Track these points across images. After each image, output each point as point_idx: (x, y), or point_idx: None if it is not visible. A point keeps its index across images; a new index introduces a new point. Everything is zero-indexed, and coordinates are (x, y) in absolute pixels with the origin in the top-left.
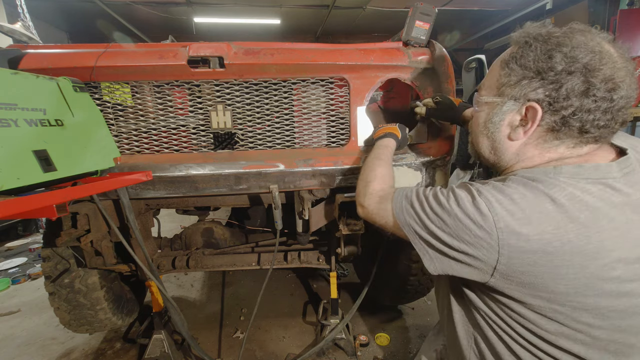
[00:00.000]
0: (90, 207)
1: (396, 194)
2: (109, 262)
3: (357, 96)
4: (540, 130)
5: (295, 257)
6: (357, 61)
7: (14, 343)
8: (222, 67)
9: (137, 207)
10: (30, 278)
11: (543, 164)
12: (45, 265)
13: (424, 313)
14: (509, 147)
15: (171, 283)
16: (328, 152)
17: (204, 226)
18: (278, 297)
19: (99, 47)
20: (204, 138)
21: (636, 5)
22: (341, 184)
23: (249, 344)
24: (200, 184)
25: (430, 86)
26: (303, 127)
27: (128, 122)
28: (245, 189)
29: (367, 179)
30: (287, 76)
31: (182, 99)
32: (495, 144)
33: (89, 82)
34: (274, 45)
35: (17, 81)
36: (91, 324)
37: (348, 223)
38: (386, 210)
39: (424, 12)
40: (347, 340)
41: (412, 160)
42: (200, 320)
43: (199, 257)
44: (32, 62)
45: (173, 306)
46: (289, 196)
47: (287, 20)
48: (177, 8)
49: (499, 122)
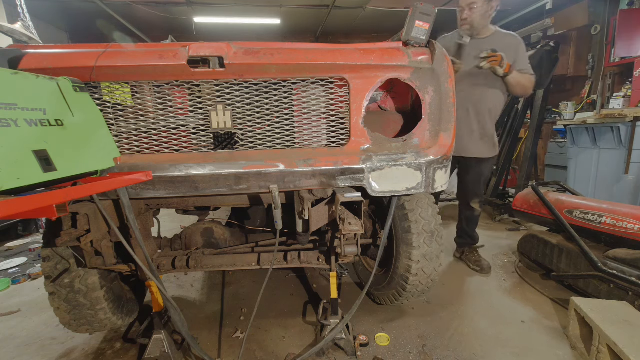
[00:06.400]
0: (90, 207)
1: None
2: (109, 262)
3: (357, 96)
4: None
5: (295, 257)
6: (357, 61)
7: (13, 343)
8: (222, 67)
9: (137, 207)
10: (30, 278)
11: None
12: (45, 265)
13: (424, 313)
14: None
15: (171, 283)
16: (328, 152)
17: (204, 226)
18: (278, 297)
19: (99, 47)
20: (204, 138)
21: (636, 5)
22: (341, 184)
23: (249, 344)
24: (200, 184)
25: (430, 86)
26: (303, 127)
27: (128, 122)
28: (245, 189)
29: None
30: (287, 76)
31: (182, 99)
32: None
33: (89, 82)
34: (274, 45)
35: (17, 81)
36: (91, 324)
37: (348, 223)
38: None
39: (424, 12)
40: (347, 340)
41: (412, 160)
42: (200, 320)
43: (199, 257)
44: (32, 62)
45: (173, 306)
46: (289, 196)
47: (287, 20)
48: (177, 8)
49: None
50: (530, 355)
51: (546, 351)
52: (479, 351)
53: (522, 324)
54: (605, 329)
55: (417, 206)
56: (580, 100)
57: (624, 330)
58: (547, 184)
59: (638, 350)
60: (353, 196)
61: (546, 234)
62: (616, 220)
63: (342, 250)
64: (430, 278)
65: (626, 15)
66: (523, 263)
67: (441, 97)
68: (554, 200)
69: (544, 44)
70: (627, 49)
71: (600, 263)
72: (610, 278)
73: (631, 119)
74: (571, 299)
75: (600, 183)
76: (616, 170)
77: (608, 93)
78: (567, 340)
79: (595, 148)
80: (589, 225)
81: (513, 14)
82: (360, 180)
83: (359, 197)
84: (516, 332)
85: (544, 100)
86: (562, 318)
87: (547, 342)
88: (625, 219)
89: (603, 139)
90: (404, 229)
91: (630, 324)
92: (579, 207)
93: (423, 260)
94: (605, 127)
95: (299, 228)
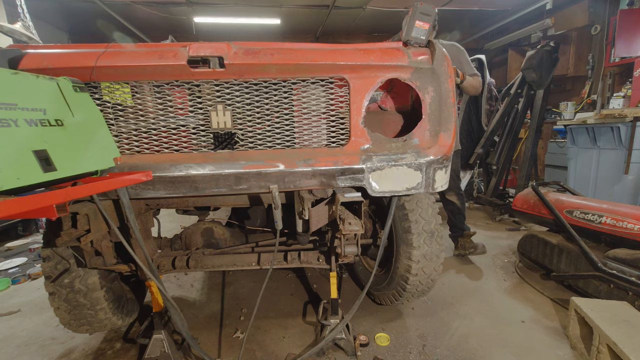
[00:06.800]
0: (90, 207)
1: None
2: (109, 262)
3: (357, 96)
4: None
5: (295, 257)
6: (357, 61)
7: (14, 343)
8: (222, 67)
9: (137, 207)
10: (30, 278)
11: None
12: (45, 265)
13: (424, 313)
14: None
15: (171, 283)
16: (328, 152)
17: (204, 226)
18: (278, 297)
19: (99, 47)
20: (204, 138)
21: (636, 5)
22: (341, 184)
23: (249, 344)
24: (200, 184)
25: (430, 86)
26: (303, 127)
27: (128, 122)
28: (245, 189)
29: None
30: (287, 76)
31: (182, 99)
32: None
33: (89, 82)
34: (274, 45)
35: (17, 81)
36: (91, 324)
37: (348, 223)
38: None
39: (424, 12)
40: (347, 340)
41: (412, 160)
42: (200, 320)
43: (199, 257)
44: (32, 62)
45: (173, 306)
46: (289, 196)
47: (287, 20)
48: (177, 8)
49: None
50: (530, 355)
51: (546, 351)
52: (479, 351)
53: (522, 324)
54: (605, 329)
55: (417, 206)
56: (580, 100)
57: (624, 330)
58: (547, 184)
59: (638, 350)
60: (353, 196)
61: (546, 234)
62: (616, 220)
63: (342, 250)
64: (430, 278)
65: (626, 15)
66: (523, 263)
67: (441, 97)
68: (554, 200)
69: (544, 44)
70: (627, 49)
71: (600, 263)
72: (610, 278)
73: (631, 119)
74: (571, 299)
75: (600, 183)
76: (616, 170)
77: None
78: (567, 340)
79: (595, 148)
80: (589, 225)
81: (513, 14)
82: (360, 180)
83: (359, 197)
84: (516, 332)
85: (544, 100)
86: (562, 318)
87: (547, 342)
88: (625, 219)
89: (603, 139)
90: (404, 229)
91: (630, 324)
92: (579, 207)
93: (423, 260)
94: (605, 127)
95: (299, 228)
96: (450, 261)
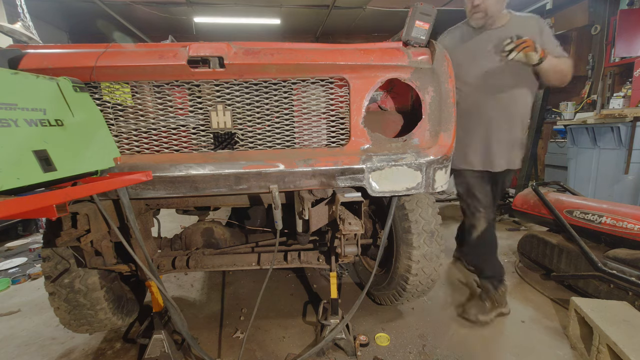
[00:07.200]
0: (90, 207)
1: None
2: (109, 262)
3: (357, 96)
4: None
5: (295, 257)
6: (357, 61)
7: (14, 343)
8: (222, 67)
9: (137, 207)
10: (30, 278)
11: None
12: (45, 265)
13: (424, 313)
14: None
15: (171, 283)
16: (328, 152)
17: (204, 226)
18: (278, 297)
19: (99, 47)
20: (204, 138)
21: (636, 5)
22: (341, 184)
23: (249, 344)
24: (200, 184)
25: (430, 86)
26: (303, 127)
27: (128, 122)
28: (245, 189)
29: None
30: (287, 76)
31: (182, 99)
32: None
33: (89, 82)
34: (274, 45)
35: (17, 81)
36: (91, 324)
37: (348, 223)
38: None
39: (424, 12)
40: (347, 340)
41: (412, 160)
42: (200, 320)
43: (199, 257)
44: (32, 62)
45: (173, 306)
46: (289, 196)
47: (287, 20)
48: (177, 8)
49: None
50: (530, 355)
51: (546, 351)
52: (479, 351)
53: (522, 324)
54: (605, 329)
55: (417, 206)
56: (580, 100)
57: (624, 330)
58: (547, 184)
59: (638, 350)
60: (353, 196)
61: (546, 234)
62: (616, 220)
63: (342, 250)
64: (430, 278)
65: (626, 15)
66: (523, 263)
67: (441, 97)
68: (554, 200)
69: None
70: (627, 49)
71: (600, 263)
72: (610, 278)
73: (631, 119)
74: (571, 299)
75: (600, 183)
76: (616, 170)
77: (608, 93)
78: (567, 340)
79: (595, 148)
80: (589, 225)
81: None
82: (360, 180)
83: (359, 197)
84: (516, 332)
85: (544, 100)
86: (562, 318)
87: (547, 342)
88: (625, 219)
89: (603, 139)
90: (404, 229)
91: (630, 324)
92: (579, 207)
93: (423, 260)
94: (605, 127)
95: (299, 228)
96: (450, 261)
